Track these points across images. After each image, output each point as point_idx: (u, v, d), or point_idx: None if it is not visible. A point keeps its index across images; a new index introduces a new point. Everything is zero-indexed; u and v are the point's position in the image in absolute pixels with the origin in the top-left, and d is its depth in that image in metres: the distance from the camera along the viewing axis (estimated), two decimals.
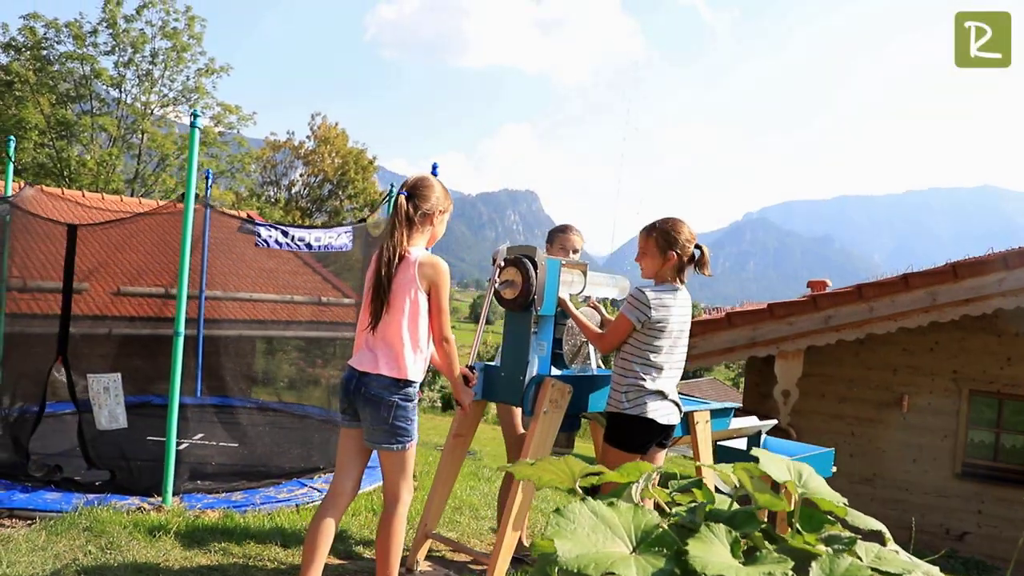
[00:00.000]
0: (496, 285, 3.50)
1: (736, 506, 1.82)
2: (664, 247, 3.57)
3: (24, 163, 24.79)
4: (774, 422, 5.49)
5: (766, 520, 1.79)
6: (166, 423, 4.96)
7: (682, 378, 3.84)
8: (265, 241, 5.54)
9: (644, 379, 3.45)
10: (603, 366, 4.05)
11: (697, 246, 3.58)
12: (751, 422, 5.29)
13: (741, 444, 5.57)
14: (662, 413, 3.47)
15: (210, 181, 8.87)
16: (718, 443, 4.83)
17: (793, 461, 1.85)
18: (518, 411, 4.19)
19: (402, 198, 3.14)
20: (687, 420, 3.94)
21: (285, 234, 5.62)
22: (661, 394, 3.48)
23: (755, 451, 1.86)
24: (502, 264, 3.50)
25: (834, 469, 5.31)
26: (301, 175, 38.63)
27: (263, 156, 37.72)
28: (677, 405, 3.57)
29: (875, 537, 1.91)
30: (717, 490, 2.71)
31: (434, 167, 6.42)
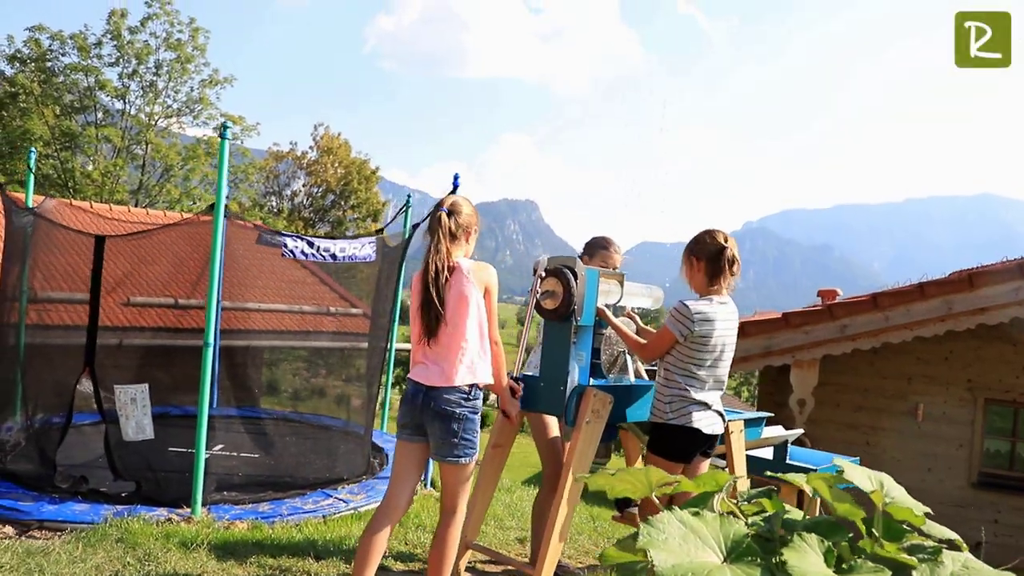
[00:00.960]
0: (537, 295, 3.51)
1: None
2: (690, 256, 3.65)
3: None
4: (800, 431, 5.49)
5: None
6: (195, 433, 4.96)
7: None
8: (291, 252, 5.55)
9: (688, 390, 3.47)
10: (644, 375, 4.05)
11: (733, 262, 3.61)
12: (777, 431, 5.29)
13: (766, 453, 5.57)
14: (706, 423, 3.48)
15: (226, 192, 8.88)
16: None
17: (873, 471, 1.86)
18: (550, 418, 4.19)
19: (443, 214, 3.22)
20: None
21: (311, 244, 5.63)
22: (705, 404, 3.49)
23: (837, 461, 1.87)
24: (543, 275, 3.52)
25: None
26: (304, 185, 38.65)
27: (266, 166, 37.75)
28: (721, 415, 3.58)
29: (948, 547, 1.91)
30: None
31: (455, 178, 6.44)
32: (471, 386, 3.15)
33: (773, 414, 5.23)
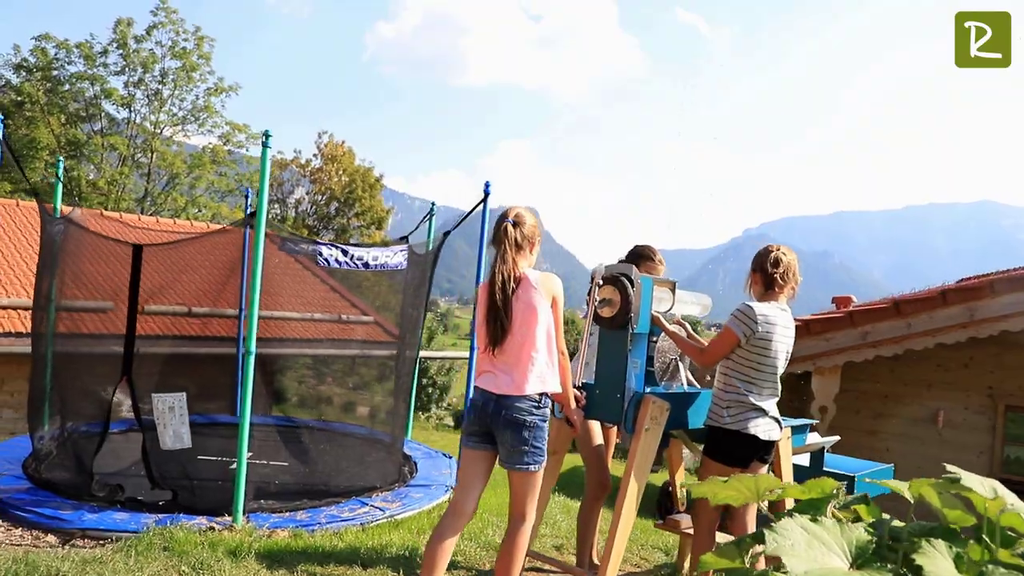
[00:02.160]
0: (595, 304, 3.52)
1: None
2: (751, 269, 3.70)
3: (35, 183, 24.82)
4: (837, 438, 5.50)
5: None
6: (235, 441, 4.96)
7: None
8: (326, 260, 5.57)
9: (747, 395, 3.49)
10: (695, 383, 4.06)
11: (777, 263, 3.65)
12: (814, 438, 5.30)
13: (802, 460, 5.57)
14: (763, 429, 3.49)
15: (249, 200, 8.90)
16: None
17: (984, 479, 1.86)
18: (594, 424, 4.19)
19: (508, 225, 3.23)
20: None
21: (345, 253, 5.65)
22: (762, 411, 3.50)
23: (951, 469, 1.86)
24: (600, 283, 3.53)
25: None
26: (308, 193, 38.59)
27: (270, 174, 37.68)
28: (777, 421, 3.59)
29: None
30: None
31: (487, 185, 6.46)
32: (541, 394, 3.17)
33: (817, 420, 5.23)
